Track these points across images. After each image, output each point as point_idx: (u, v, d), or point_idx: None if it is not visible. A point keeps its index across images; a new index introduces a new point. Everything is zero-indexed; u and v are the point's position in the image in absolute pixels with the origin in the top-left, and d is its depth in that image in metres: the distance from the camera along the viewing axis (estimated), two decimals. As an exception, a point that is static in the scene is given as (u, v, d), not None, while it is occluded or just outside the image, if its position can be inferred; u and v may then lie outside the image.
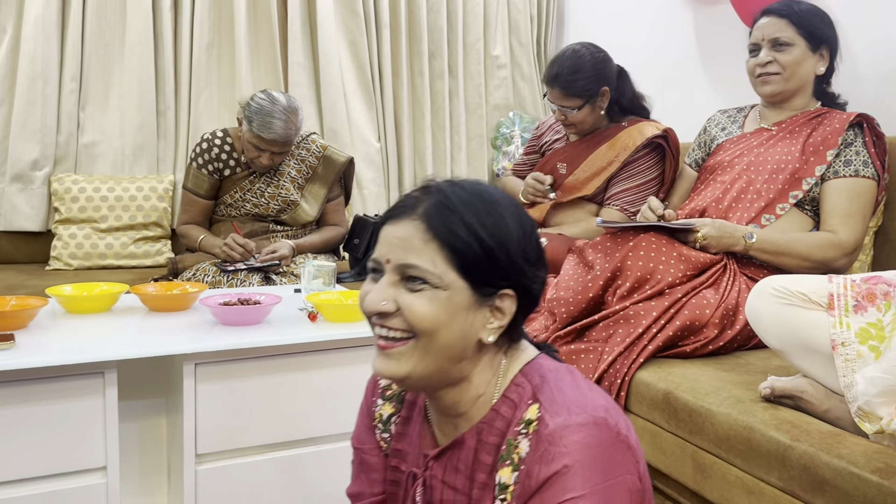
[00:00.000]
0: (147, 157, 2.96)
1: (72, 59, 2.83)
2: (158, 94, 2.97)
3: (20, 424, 1.31)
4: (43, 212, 2.81)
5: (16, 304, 1.50)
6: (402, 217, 0.86)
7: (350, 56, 3.29)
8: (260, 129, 2.34)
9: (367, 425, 1.03)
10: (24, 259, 2.81)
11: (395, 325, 0.84)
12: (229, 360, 1.46)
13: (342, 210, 2.75)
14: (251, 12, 3.11)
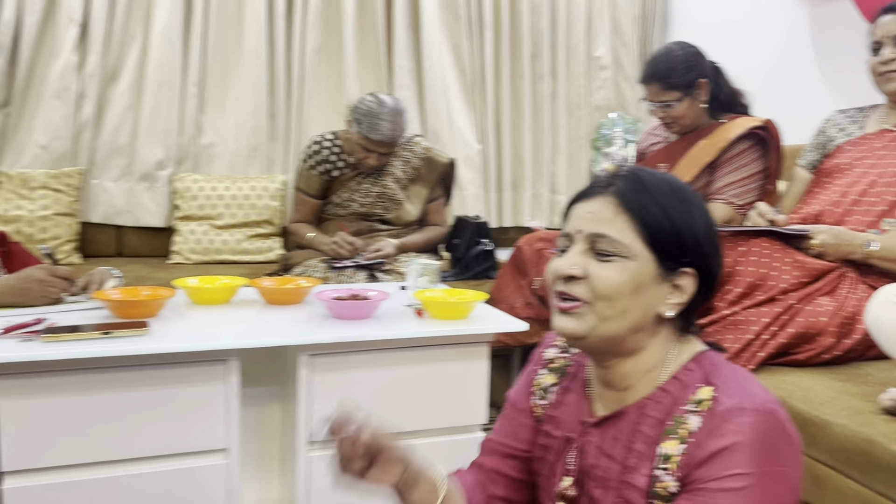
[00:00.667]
0: (260, 158, 3.11)
1: (194, 65, 3.01)
2: (271, 98, 3.12)
3: (151, 405, 1.41)
4: (166, 209, 3.01)
5: (148, 295, 1.62)
6: (593, 194, 0.94)
7: (452, 59, 3.35)
8: (368, 131, 2.42)
9: (526, 390, 1.09)
10: (148, 253, 3.01)
11: (577, 293, 0.90)
12: (341, 352, 1.52)
13: (443, 210, 2.80)
14: (359, 18, 3.21)
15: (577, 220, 0.93)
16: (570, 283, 0.91)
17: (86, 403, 1.36)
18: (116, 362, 1.37)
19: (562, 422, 1.02)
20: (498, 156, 3.48)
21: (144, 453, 1.42)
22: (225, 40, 3.08)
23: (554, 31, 3.50)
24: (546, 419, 1.05)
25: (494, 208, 3.47)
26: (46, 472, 1.36)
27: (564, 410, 1.03)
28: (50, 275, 1.61)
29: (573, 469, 0.98)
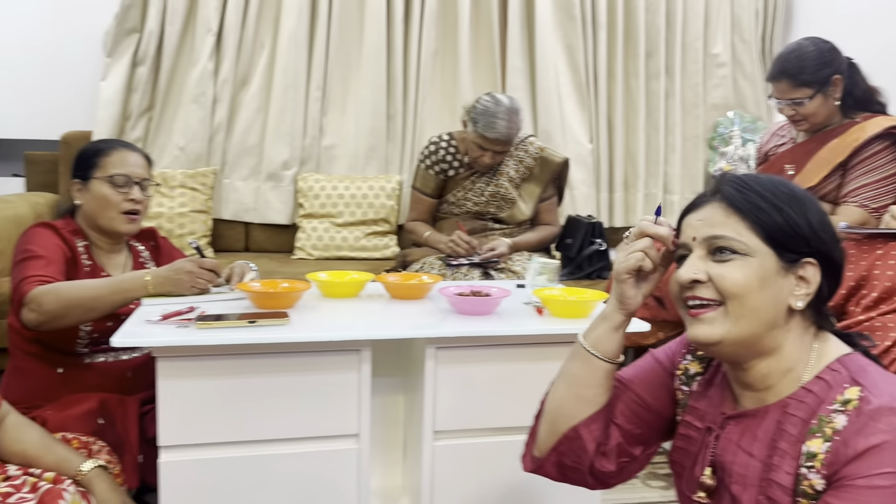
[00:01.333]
0: (377, 159, 3.23)
1: (317, 69, 3.16)
2: (389, 100, 3.23)
3: (290, 390, 1.51)
4: (290, 207, 3.17)
5: (287, 287, 1.73)
6: (702, 204, 0.97)
7: (566, 59, 3.35)
8: (484, 129, 2.48)
9: (672, 361, 1.12)
10: (274, 248, 3.18)
11: (704, 295, 0.93)
12: (465, 346, 1.57)
13: (555, 210, 2.82)
14: (474, 20, 3.27)
15: (690, 229, 0.97)
16: (695, 288, 0.93)
17: (233, 386, 1.47)
18: (260, 349, 1.48)
19: (705, 414, 1.04)
20: (610, 155, 3.46)
21: (284, 435, 1.51)
22: (346, 45, 3.21)
23: (670, 28, 3.44)
24: (689, 410, 1.07)
25: (605, 208, 3.46)
26: (197, 448, 1.48)
27: (707, 403, 1.04)
28: (198, 267, 1.75)
29: (712, 461, 0.99)
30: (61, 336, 1.71)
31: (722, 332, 0.91)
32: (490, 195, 2.67)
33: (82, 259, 1.80)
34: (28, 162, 3.10)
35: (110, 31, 3.08)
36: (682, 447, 1.06)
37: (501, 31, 3.30)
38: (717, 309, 0.92)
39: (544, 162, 2.72)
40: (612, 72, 3.41)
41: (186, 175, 3.01)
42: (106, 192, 1.80)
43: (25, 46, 3.26)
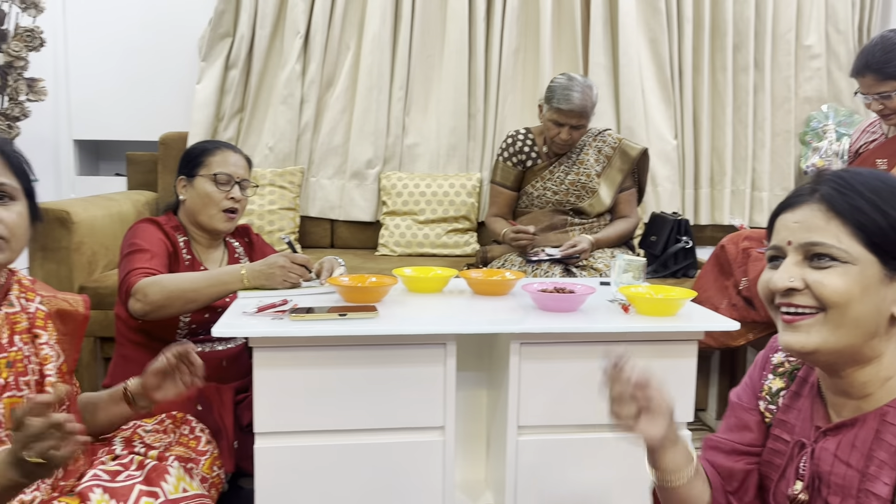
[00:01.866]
0: (458, 157, 3.26)
1: (400, 69, 3.22)
2: (470, 99, 3.25)
3: (379, 382, 1.55)
4: (374, 204, 3.24)
5: (375, 282, 1.78)
6: (798, 204, 0.91)
7: (650, 54, 3.30)
8: (559, 102, 2.50)
9: (753, 392, 1.09)
10: (358, 245, 3.26)
11: (801, 302, 0.88)
12: (549, 342, 1.58)
13: (634, 202, 2.79)
14: (556, 17, 3.26)
15: (786, 231, 0.90)
16: (790, 296, 0.89)
17: (324, 376, 1.53)
18: (350, 341, 1.53)
19: (794, 426, 1.01)
20: (696, 151, 3.38)
21: (372, 425, 1.56)
22: (428, 46, 3.26)
23: (760, 19, 3.34)
24: (777, 423, 1.04)
25: (691, 205, 3.38)
26: (290, 436, 1.54)
27: (796, 415, 1.02)
28: (291, 262, 1.82)
29: (805, 474, 0.96)
30: (163, 326, 1.81)
31: (818, 341, 0.87)
32: (570, 183, 2.66)
33: (183, 253, 1.90)
34: (129, 162, 3.28)
35: (205, 36, 3.22)
36: (769, 460, 1.04)
37: (584, 27, 3.28)
38: (815, 317, 0.87)
39: (623, 152, 2.70)
40: (698, 66, 3.33)
41: (275, 174, 3.12)
42: (209, 190, 1.90)
43: (127, 53, 3.45)
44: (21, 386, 1.25)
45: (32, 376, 1.28)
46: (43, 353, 1.31)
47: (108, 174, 3.66)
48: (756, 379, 1.09)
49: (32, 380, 1.28)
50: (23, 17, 2.62)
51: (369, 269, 2.67)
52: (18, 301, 1.30)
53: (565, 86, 2.53)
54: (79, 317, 1.42)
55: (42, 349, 1.31)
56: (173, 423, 1.58)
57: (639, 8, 3.25)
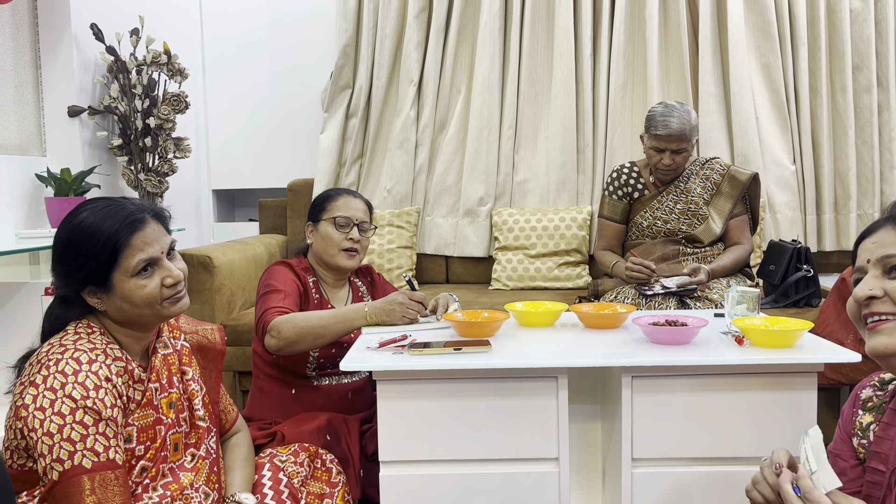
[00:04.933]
0: (568, 191, 3.31)
1: (509, 109, 3.32)
2: (578, 134, 3.31)
3: (493, 413, 1.62)
4: (486, 240, 3.34)
5: (487, 317, 1.86)
6: (873, 230, 1.03)
7: (763, 79, 3.24)
8: (657, 129, 2.55)
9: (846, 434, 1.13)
10: (472, 280, 3.36)
11: (882, 309, 0.98)
12: (661, 375, 1.60)
13: (746, 228, 2.73)
14: (663, 49, 3.27)
15: (865, 252, 1.03)
16: (871, 304, 0.97)
17: (442, 408, 1.61)
18: (465, 374, 1.61)
19: (888, 456, 1.03)
20: (816, 175, 3.27)
21: (489, 455, 1.62)
22: (536, 85, 3.35)
23: (881, 38, 3.21)
24: (871, 456, 1.06)
25: (813, 231, 3.26)
26: (413, 464, 1.63)
27: (889, 445, 1.03)
28: (409, 299, 1.93)
29: None
30: (294, 360, 1.96)
31: None
32: (679, 212, 2.66)
33: (312, 293, 2.06)
34: (261, 208, 3.55)
35: (327, 89, 3.46)
36: (869, 494, 1.05)
37: (692, 57, 3.27)
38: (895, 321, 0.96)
39: (732, 177, 2.67)
40: (816, 88, 3.23)
41: (393, 214, 3.29)
42: (330, 232, 2.06)
43: (257, 109, 3.76)
44: (180, 422, 1.41)
45: (186, 412, 1.43)
46: (190, 388, 1.46)
47: (242, 220, 3.98)
48: (848, 417, 1.12)
49: (187, 415, 1.44)
50: (170, 83, 2.93)
51: (483, 304, 2.75)
52: (170, 341, 1.47)
53: (662, 112, 2.58)
54: (216, 349, 1.58)
55: (189, 385, 1.46)
56: (308, 457, 1.70)
57: (749, 35, 3.22)
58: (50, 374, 1.20)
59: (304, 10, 3.69)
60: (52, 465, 1.16)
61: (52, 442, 1.16)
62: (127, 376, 1.30)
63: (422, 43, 3.35)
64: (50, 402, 1.18)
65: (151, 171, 2.85)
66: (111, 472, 1.19)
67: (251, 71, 3.74)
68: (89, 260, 1.27)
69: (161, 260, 1.32)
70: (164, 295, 1.31)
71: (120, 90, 2.78)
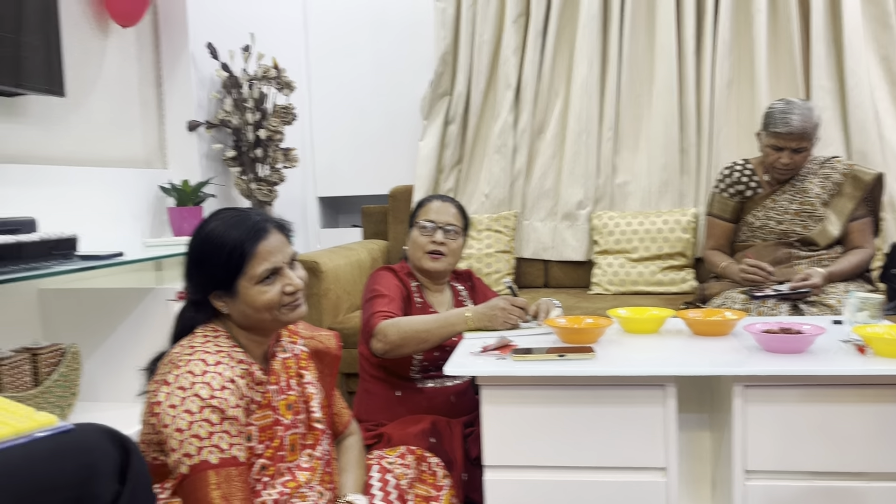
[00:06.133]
0: (671, 193, 3.23)
1: (609, 111, 3.28)
2: (682, 134, 3.23)
3: (598, 421, 1.61)
4: (585, 244, 3.31)
5: (591, 323, 1.85)
6: None
7: (882, 72, 3.06)
8: (777, 126, 2.46)
9: None
10: (571, 284, 3.33)
11: None
12: (774, 385, 1.54)
13: (869, 231, 2.58)
14: (771, 44, 3.14)
15: None
16: None
17: (545, 414, 1.61)
18: (569, 381, 1.60)
19: None
20: (945, 173, 3.05)
21: (594, 462, 1.61)
22: (636, 85, 3.29)
23: None
24: None
25: (942, 233, 3.04)
26: (517, 469, 1.64)
27: None
28: (511, 304, 1.94)
29: None
30: (399, 363, 2.01)
31: None
32: (794, 213, 2.55)
33: (415, 297, 2.10)
34: (364, 214, 3.65)
35: (426, 96, 3.52)
36: None
37: (803, 51, 3.12)
38: None
39: (855, 178, 2.54)
40: (945, 78, 3.02)
41: (491, 219, 3.30)
42: (415, 236, 2.12)
43: (359, 119, 3.87)
44: (297, 424, 1.48)
45: (303, 414, 1.50)
46: (307, 391, 1.53)
47: (346, 226, 4.10)
48: None
49: (304, 417, 1.50)
50: (278, 96, 3.07)
51: (583, 309, 2.73)
52: (288, 346, 1.54)
53: (783, 109, 2.48)
54: (332, 354, 1.65)
55: (306, 388, 1.53)
56: (415, 460, 1.73)
57: (867, 27, 3.04)
58: (180, 374, 1.29)
59: (404, 20, 3.77)
60: (182, 459, 1.24)
61: (181, 437, 1.24)
62: (249, 378, 1.38)
63: (519, 47, 3.36)
64: (180, 400, 1.26)
65: (262, 180, 2.98)
66: (234, 468, 1.26)
67: (353, 81, 3.86)
68: (217, 267, 1.35)
69: (283, 269, 1.40)
70: (283, 301, 1.39)
71: (233, 104, 2.93)
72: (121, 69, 2.66)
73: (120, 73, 2.66)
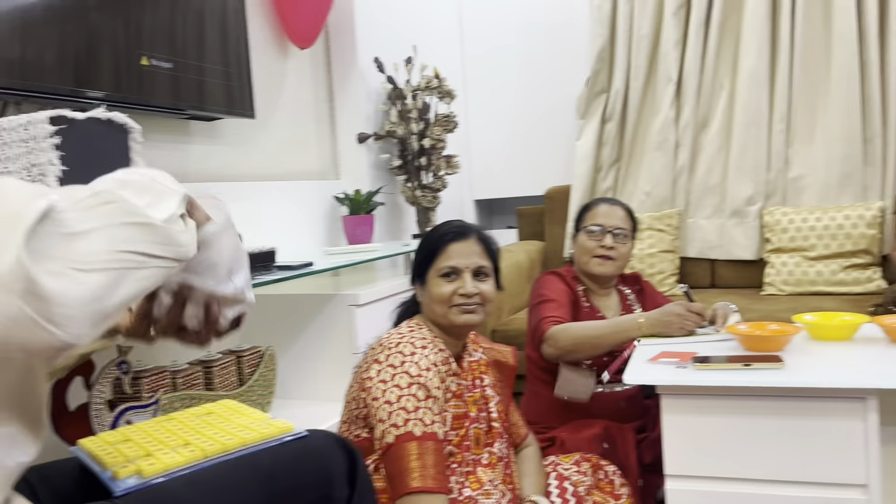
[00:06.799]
0: (853, 186, 3.01)
1: (780, 102, 3.10)
2: (865, 123, 3.00)
3: (787, 433, 1.54)
4: (756, 242, 3.15)
5: (777, 330, 1.77)
6: None
7: None
8: None
9: None
10: (741, 284, 3.19)
11: None
12: None
13: None
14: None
15: None
16: None
17: (730, 425, 1.57)
18: (754, 391, 1.55)
19: None
20: None
21: (783, 477, 1.55)
22: (811, 72, 3.09)
23: None
24: None
25: None
26: (699, 480, 1.61)
27: None
28: (686, 310, 1.90)
29: None
30: (568, 367, 2.02)
31: None
32: None
33: (582, 301, 2.11)
34: (519, 215, 3.69)
35: (582, 95, 3.50)
36: None
37: None
38: None
39: None
40: None
41: (653, 217, 3.23)
42: (582, 240, 2.11)
43: (514, 122, 3.90)
44: (481, 419, 1.55)
45: (485, 412, 1.57)
46: (486, 392, 1.60)
47: (500, 227, 4.15)
48: None
49: (485, 415, 1.57)
50: (440, 105, 3.16)
51: (758, 312, 2.61)
52: (473, 352, 1.62)
53: None
54: (509, 366, 1.72)
55: (486, 389, 1.60)
56: (591, 467, 1.75)
57: None
58: (391, 353, 1.44)
59: (556, 20, 3.76)
60: (389, 429, 1.35)
61: (390, 409, 1.36)
62: (447, 366, 1.50)
63: (680, 40, 3.25)
64: (391, 375, 1.40)
65: (426, 187, 3.09)
66: (432, 442, 1.36)
67: (507, 84, 3.90)
68: (421, 256, 1.57)
69: (464, 272, 1.53)
70: (453, 301, 1.51)
71: (398, 115, 3.06)
72: (298, 88, 2.86)
73: (297, 92, 2.85)
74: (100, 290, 0.52)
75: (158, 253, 0.58)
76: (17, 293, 0.47)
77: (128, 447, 0.98)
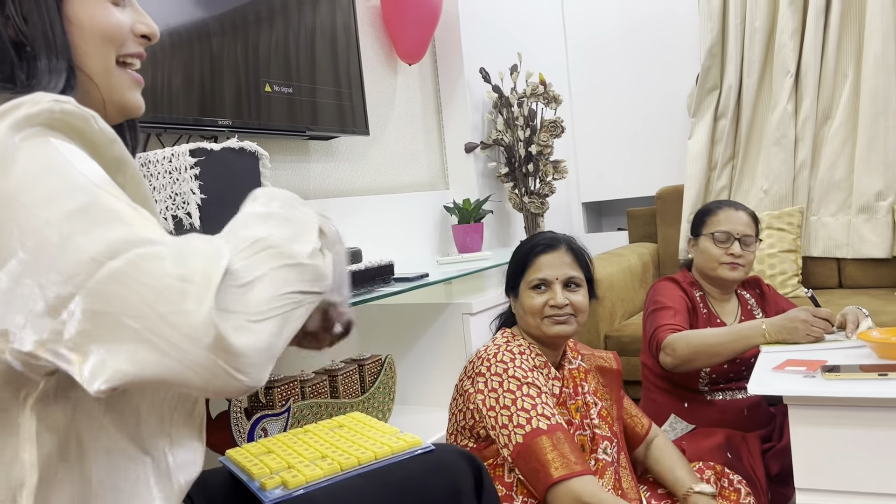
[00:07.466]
0: None
1: (909, 89, 2.92)
2: None
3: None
4: (888, 240, 2.97)
5: (912, 337, 1.67)
6: None
7: None
8: None
9: None
10: (871, 284, 3.02)
11: None
12: None
13: None
14: None
15: None
16: None
17: (864, 437, 1.50)
18: (891, 403, 1.47)
19: None
20: None
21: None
22: (946, 55, 2.89)
23: None
24: None
25: None
26: (832, 494, 1.54)
27: None
28: (812, 316, 1.82)
29: None
30: (686, 375, 1.99)
31: None
32: None
33: (700, 307, 2.06)
34: (630, 217, 3.63)
35: (692, 93, 3.41)
36: None
37: None
38: None
39: None
40: None
41: (772, 216, 3.10)
42: (708, 247, 2.04)
43: (621, 122, 3.85)
44: (584, 426, 1.56)
45: (588, 419, 1.57)
46: (587, 399, 1.60)
47: (610, 230, 4.10)
48: None
49: (588, 422, 1.57)
50: (546, 111, 3.17)
51: (891, 315, 2.46)
52: (572, 360, 1.63)
53: None
54: (613, 371, 1.71)
55: (586, 397, 1.60)
56: (714, 475, 1.71)
57: None
58: (493, 364, 1.48)
59: (663, 18, 3.68)
60: (515, 430, 1.39)
61: (509, 413, 1.40)
62: (547, 369, 1.54)
63: (797, 30, 3.11)
64: (499, 384, 1.44)
65: (534, 193, 3.11)
66: (561, 432, 1.39)
67: (613, 85, 3.85)
68: (513, 268, 1.61)
69: (554, 284, 1.55)
70: (545, 312, 1.54)
71: (504, 123, 3.09)
72: (407, 103, 2.94)
73: (407, 106, 2.94)
74: (273, 337, 0.58)
75: (311, 289, 0.64)
76: (206, 346, 0.54)
77: (271, 459, 1.06)
